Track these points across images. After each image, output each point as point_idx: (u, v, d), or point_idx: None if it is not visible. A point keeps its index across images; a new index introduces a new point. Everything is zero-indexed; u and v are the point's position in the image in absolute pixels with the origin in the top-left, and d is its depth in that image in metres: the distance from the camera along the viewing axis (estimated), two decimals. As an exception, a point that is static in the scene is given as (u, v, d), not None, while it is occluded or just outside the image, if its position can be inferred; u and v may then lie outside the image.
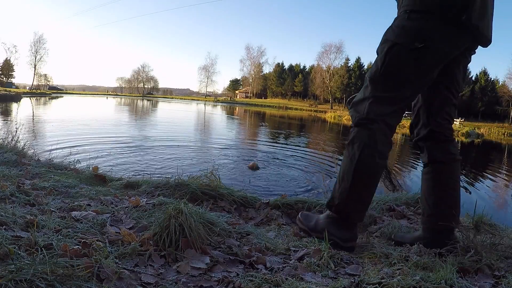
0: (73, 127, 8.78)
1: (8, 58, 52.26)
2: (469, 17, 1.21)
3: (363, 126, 1.35)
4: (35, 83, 54.30)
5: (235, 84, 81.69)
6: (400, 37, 1.28)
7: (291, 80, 65.36)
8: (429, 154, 1.43)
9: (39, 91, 50.07)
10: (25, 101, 25.42)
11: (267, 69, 71.35)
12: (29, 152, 2.97)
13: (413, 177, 5.81)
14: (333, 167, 5.79)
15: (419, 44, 1.24)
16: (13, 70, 53.71)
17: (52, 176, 2.11)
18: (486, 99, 41.39)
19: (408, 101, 1.38)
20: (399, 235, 1.50)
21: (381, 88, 1.33)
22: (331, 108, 48.42)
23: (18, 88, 48.21)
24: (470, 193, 4.97)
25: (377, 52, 1.36)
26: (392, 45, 1.29)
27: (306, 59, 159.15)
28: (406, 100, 1.36)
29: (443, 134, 1.42)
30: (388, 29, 1.34)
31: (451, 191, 1.39)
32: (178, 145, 6.80)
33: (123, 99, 48.86)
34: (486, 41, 1.33)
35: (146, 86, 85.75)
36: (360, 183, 1.33)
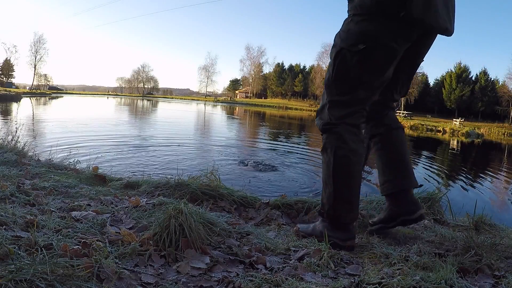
0: (73, 127, 8.78)
1: (8, 58, 52.28)
2: (409, 12, 1.21)
3: (329, 131, 1.41)
4: (35, 83, 54.29)
5: (235, 84, 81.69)
6: (344, 41, 1.33)
7: (291, 80, 65.30)
8: (367, 132, 1.56)
9: (39, 91, 50.06)
10: (25, 101, 25.41)
11: (267, 69, 71.42)
12: (29, 152, 2.96)
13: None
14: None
15: (362, 46, 1.28)
16: (13, 70, 53.72)
17: (52, 176, 2.11)
18: (486, 99, 41.36)
19: (367, 101, 1.41)
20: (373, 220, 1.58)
21: (336, 93, 1.38)
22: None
23: (18, 88, 48.18)
24: (469, 189, 4.98)
25: (330, 57, 1.41)
26: (339, 49, 1.34)
27: (306, 59, 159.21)
28: (364, 101, 1.40)
29: (375, 112, 1.52)
30: (336, 34, 1.39)
31: (397, 155, 1.50)
32: (179, 145, 6.80)
33: (123, 99, 48.88)
34: (442, 32, 1.35)
35: (146, 86, 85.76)
36: (342, 185, 1.37)
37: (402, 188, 1.46)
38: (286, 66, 69.44)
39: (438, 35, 1.41)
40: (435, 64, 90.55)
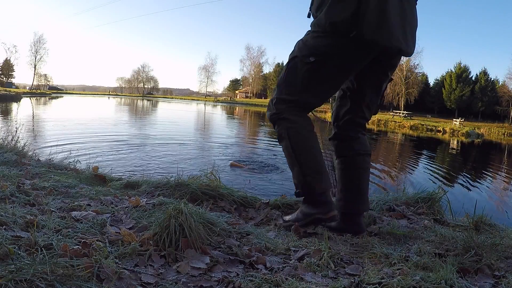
0: (73, 127, 8.78)
1: (8, 58, 52.26)
2: (360, 32, 1.29)
3: (278, 121, 1.51)
4: (35, 83, 54.29)
5: (235, 84, 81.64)
6: (300, 51, 1.45)
7: (291, 80, 65.02)
8: (336, 150, 1.67)
9: (39, 91, 50.06)
10: (25, 101, 25.42)
11: (267, 69, 71.21)
12: (29, 152, 2.97)
13: (414, 177, 5.81)
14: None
15: (312, 59, 1.40)
16: (13, 70, 53.68)
17: (52, 176, 2.11)
18: (486, 99, 41.34)
19: (313, 106, 1.55)
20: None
21: (285, 92, 1.50)
22: (331, 108, 48.21)
23: (18, 88, 48.17)
24: (469, 189, 4.98)
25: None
26: (293, 56, 1.47)
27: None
28: (309, 105, 1.54)
29: (347, 135, 1.62)
30: (297, 41, 1.50)
31: (355, 180, 1.59)
32: (180, 144, 6.80)
33: (123, 99, 48.89)
34: (396, 53, 1.44)
35: (146, 86, 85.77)
36: (305, 160, 1.47)
37: (352, 211, 1.57)
38: (286, 66, 69.25)
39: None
40: (435, 64, 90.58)
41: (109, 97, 53.81)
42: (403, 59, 41.54)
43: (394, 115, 34.06)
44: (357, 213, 1.56)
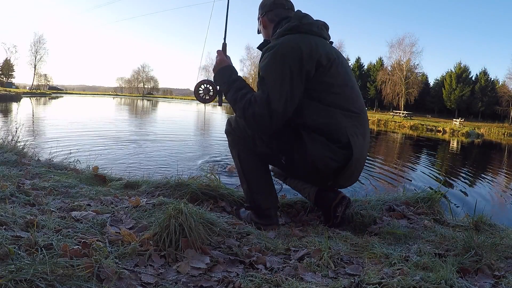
0: (73, 127, 8.77)
1: (8, 58, 52.24)
2: (336, 181, 1.58)
3: (232, 135, 1.73)
4: (35, 83, 54.24)
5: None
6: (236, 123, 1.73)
7: (291, 80, 65.04)
8: None
9: (39, 91, 50.04)
10: (25, 101, 25.41)
11: (267, 69, 70.99)
12: (29, 152, 2.96)
13: (414, 177, 5.80)
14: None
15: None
16: (13, 70, 53.65)
17: (52, 176, 2.11)
18: (486, 99, 41.32)
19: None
20: None
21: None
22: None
23: (18, 88, 48.14)
24: (469, 189, 4.97)
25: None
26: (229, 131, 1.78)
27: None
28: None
29: None
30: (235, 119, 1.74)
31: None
32: (180, 144, 6.80)
33: (123, 99, 48.91)
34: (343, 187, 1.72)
35: (146, 86, 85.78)
36: (252, 180, 1.67)
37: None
38: (286, 66, 69.20)
39: None
40: (435, 64, 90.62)
41: (114, 98, 54.23)
42: (403, 59, 41.68)
43: (394, 115, 34.05)
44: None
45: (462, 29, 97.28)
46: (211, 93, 1.79)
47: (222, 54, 1.73)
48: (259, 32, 1.86)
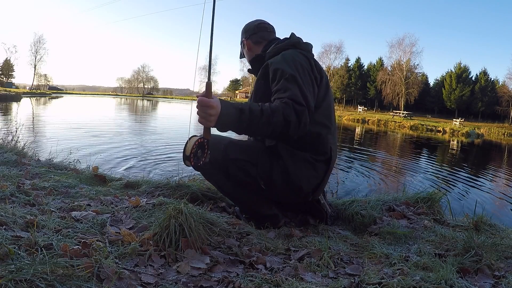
0: (73, 127, 8.77)
1: (8, 58, 52.23)
2: (315, 195, 1.62)
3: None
4: (35, 83, 54.21)
5: (235, 84, 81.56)
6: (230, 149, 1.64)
7: (291, 80, 64.94)
8: None
9: (39, 91, 50.02)
10: (25, 101, 25.39)
11: (267, 69, 70.99)
12: (29, 152, 2.96)
13: (414, 177, 5.80)
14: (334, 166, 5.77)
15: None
16: (13, 70, 53.63)
17: (52, 176, 2.11)
18: (486, 99, 41.28)
19: None
20: None
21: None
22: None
23: (18, 88, 48.12)
24: (469, 189, 4.97)
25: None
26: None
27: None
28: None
29: None
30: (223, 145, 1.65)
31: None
32: (180, 144, 6.80)
33: (123, 99, 48.93)
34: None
35: (146, 86, 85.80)
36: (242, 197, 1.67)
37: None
38: (286, 66, 69.14)
39: None
40: (435, 64, 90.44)
41: (115, 97, 54.57)
42: (403, 59, 41.71)
43: (394, 115, 34.04)
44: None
45: (462, 29, 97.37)
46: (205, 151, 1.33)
47: (209, 101, 1.25)
48: (242, 56, 1.86)
